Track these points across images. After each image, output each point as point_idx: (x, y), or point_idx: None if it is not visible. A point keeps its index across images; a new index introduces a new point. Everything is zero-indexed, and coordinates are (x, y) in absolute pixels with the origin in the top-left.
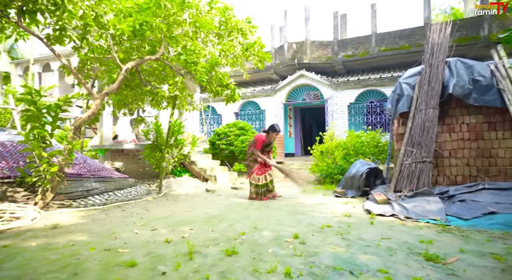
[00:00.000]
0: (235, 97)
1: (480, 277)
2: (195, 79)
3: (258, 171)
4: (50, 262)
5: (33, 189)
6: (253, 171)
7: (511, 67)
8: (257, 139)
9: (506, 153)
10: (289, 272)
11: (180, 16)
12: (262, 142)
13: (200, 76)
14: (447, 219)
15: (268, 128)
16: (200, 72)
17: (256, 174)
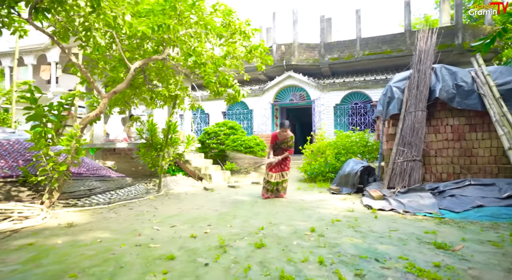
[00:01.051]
0: (238, 97)
1: (487, 260)
2: (204, 79)
3: (272, 168)
4: (87, 257)
5: (37, 189)
6: (267, 167)
7: (489, 74)
8: (271, 135)
9: (485, 153)
10: (322, 261)
11: (192, 18)
12: (274, 139)
13: (208, 77)
14: (441, 212)
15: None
16: (208, 73)
17: (270, 171)
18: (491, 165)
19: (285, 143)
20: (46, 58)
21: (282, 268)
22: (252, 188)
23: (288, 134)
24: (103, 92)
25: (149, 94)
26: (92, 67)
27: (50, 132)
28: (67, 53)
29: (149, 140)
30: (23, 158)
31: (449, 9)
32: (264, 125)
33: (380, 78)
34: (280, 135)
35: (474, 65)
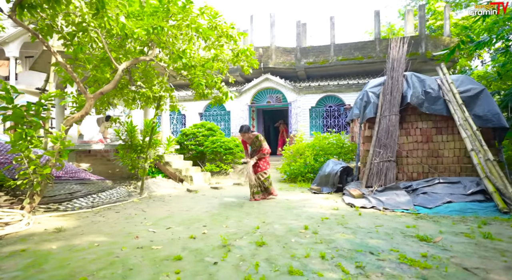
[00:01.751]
0: (224, 99)
1: (464, 250)
2: (193, 82)
3: (251, 170)
4: (91, 261)
5: (14, 193)
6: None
7: (452, 82)
8: (241, 140)
9: (449, 153)
10: (324, 256)
11: (184, 21)
12: (244, 143)
13: (198, 79)
14: (415, 208)
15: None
16: (198, 75)
17: (253, 173)
18: (455, 165)
19: (254, 144)
20: (4, 53)
21: (290, 263)
22: (235, 189)
23: (251, 136)
24: (88, 93)
25: (131, 95)
26: (75, 66)
27: (31, 134)
28: (52, 52)
29: (128, 142)
30: None
31: (413, 20)
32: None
33: (353, 83)
34: (245, 138)
35: (439, 74)
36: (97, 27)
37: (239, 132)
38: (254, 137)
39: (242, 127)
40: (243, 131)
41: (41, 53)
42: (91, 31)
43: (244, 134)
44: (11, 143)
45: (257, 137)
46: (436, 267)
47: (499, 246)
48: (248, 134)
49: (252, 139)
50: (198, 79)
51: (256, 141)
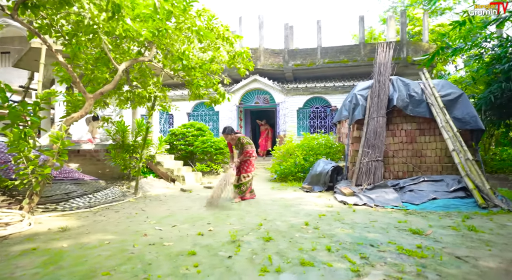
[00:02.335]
0: (221, 100)
1: (453, 241)
2: (193, 83)
3: (236, 171)
4: (107, 257)
5: (11, 193)
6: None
7: (434, 87)
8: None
9: (432, 153)
10: (329, 248)
11: (186, 23)
12: (229, 144)
13: (197, 81)
14: (403, 205)
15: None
16: (197, 76)
17: (236, 175)
18: (437, 164)
19: (237, 146)
20: None
21: (299, 256)
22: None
23: (234, 137)
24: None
25: (126, 95)
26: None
27: (30, 134)
28: (53, 51)
29: (120, 142)
30: None
31: (395, 25)
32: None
33: (339, 85)
34: (228, 140)
35: (422, 78)
36: (111, 30)
37: (222, 133)
38: (237, 139)
39: (225, 129)
40: (225, 133)
41: (27, 50)
42: (101, 33)
43: (227, 136)
44: (9, 143)
45: (239, 139)
46: (431, 256)
47: (483, 237)
48: (231, 136)
49: (235, 141)
50: (197, 81)
51: (238, 143)
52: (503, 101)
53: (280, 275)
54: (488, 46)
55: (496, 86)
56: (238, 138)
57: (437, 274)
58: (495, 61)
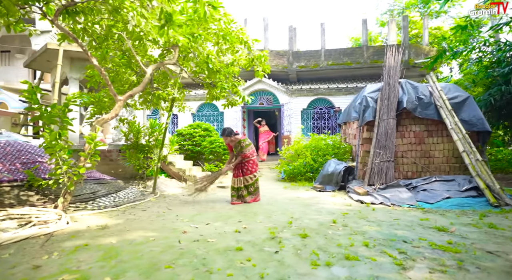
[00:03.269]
0: (239, 102)
1: (478, 237)
2: (217, 86)
3: (235, 173)
4: (160, 252)
5: (43, 192)
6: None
7: (442, 90)
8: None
9: (439, 154)
10: (367, 244)
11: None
12: (229, 146)
13: (221, 84)
14: (418, 204)
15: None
16: (221, 79)
17: (233, 176)
18: (444, 164)
19: (236, 148)
20: None
21: (341, 251)
22: None
23: (233, 139)
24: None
25: (147, 96)
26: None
27: (65, 135)
28: (88, 55)
29: (134, 142)
30: (20, 161)
31: (396, 28)
32: (235, 127)
33: (342, 87)
34: (227, 141)
35: (429, 81)
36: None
37: (221, 135)
38: (237, 141)
39: (224, 130)
40: (225, 135)
41: (43, 51)
42: (145, 38)
43: (227, 138)
44: (46, 143)
45: (240, 142)
46: (465, 251)
47: (505, 234)
48: (230, 138)
49: (234, 143)
50: (221, 83)
51: (238, 145)
52: (502, 103)
53: (331, 268)
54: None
55: (496, 89)
56: (239, 141)
57: (476, 267)
58: (494, 64)
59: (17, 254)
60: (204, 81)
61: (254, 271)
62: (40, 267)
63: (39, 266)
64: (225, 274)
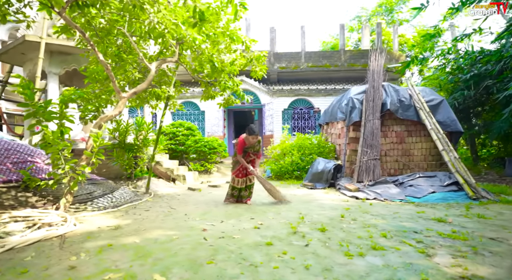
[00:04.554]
0: (236, 101)
1: (474, 226)
2: (220, 85)
3: (239, 173)
4: (192, 249)
5: (41, 194)
6: (234, 173)
7: (420, 93)
8: (239, 141)
9: (418, 152)
10: (385, 235)
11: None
12: (242, 145)
13: (224, 83)
14: (407, 198)
15: (245, 131)
16: (223, 79)
17: (236, 176)
18: (423, 162)
19: (252, 147)
20: None
21: (366, 243)
22: None
23: (257, 139)
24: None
25: (143, 94)
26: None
27: (67, 132)
28: (95, 50)
29: (121, 141)
30: (10, 160)
31: (368, 34)
32: (216, 127)
33: (321, 88)
34: (248, 141)
35: (408, 85)
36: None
37: (251, 134)
38: (257, 141)
39: (254, 129)
40: (255, 134)
41: (19, 43)
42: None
43: (255, 137)
44: (47, 142)
45: (259, 141)
46: (471, 239)
47: (495, 223)
48: (257, 137)
49: (254, 143)
50: (225, 83)
51: (257, 145)
52: (465, 106)
53: (365, 258)
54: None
55: (459, 93)
56: (259, 140)
57: (489, 252)
58: (457, 71)
59: (40, 256)
60: (203, 79)
61: (296, 263)
62: (76, 268)
63: (74, 267)
64: (270, 266)
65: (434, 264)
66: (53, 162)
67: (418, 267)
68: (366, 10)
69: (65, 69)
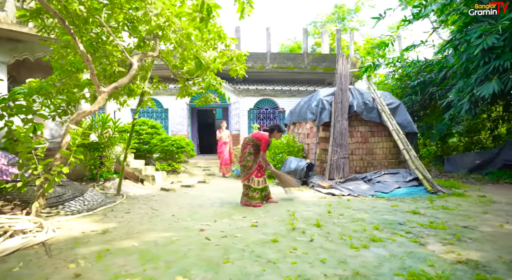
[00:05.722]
0: (215, 99)
1: (445, 217)
2: (205, 83)
3: (257, 173)
4: (201, 250)
5: (5, 198)
6: (252, 173)
7: (381, 97)
8: (261, 138)
9: (380, 151)
10: (377, 228)
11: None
12: (267, 143)
13: (209, 80)
14: (377, 194)
15: (272, 127)
16: (208, 76)
17: (255, 177)
18: (384, 160)
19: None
20: None
21: (364, 236)
22: (207, 187)
23: (275, 137)
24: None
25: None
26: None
27: (41, 128)
28: (75, 39)
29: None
30: None
31: (328, 39)
32: (181, 125)
33: (286, 89)
34: (275, 138)
35: (370, 89)
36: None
37: (280, 131)
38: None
39: (280, 126)
40: (282, 131)
41: None
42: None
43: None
44: (21, 139)
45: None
46: (449, 227)
47: (459, 213)
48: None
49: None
50: (209, 80)
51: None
52: (413, 110)
53: (370, 249)
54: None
55: (408, 98)
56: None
57: (469, 238)
58: (406, 77)
59: (29, 266)
60: (182, 76)
61: (310, 258)
62: (81, 275)
63: (79, 275)
64: (288, 262)
65: (431, 251)
66: (20, 162)
67: (419, 255)
68: (322, 16)
69: (15, 58)
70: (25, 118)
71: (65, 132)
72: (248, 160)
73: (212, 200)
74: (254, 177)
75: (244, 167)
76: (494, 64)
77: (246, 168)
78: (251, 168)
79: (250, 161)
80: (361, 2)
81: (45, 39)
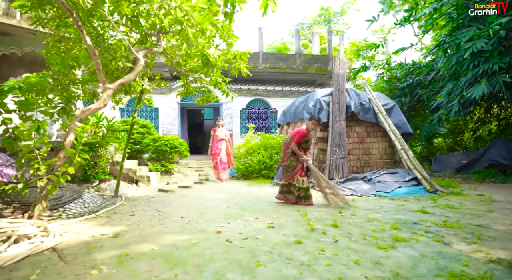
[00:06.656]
0: (218, 98)
1: (454, 216)
2: (211, 81)
3: (302, 172)
4: (226, 252)
5: (4, 200)
6: (296, 173)
7: (377, 98)
8: (298, 132)
9: (376, 151)
10: (396, 227)
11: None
12: (303, 136)
13: (216, 78)
14: (378, 193)
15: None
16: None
17: (300, 176)
18: (380, 160)
19: (309, 141)
20: None
21: (386, 236)
22: (206, 187)
23: (312, 130)
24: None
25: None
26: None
27: (44, 126)
28: (82, 33)
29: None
30: None
31: (318, 41)
32: (172, 125)
33: (278, 89)
34: (312, 129)
35: (366, 90)
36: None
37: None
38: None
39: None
40: (320, 123)
41: None
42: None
43: (318, 125)
44: (24, 137)
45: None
46: (464, 226)
47: (465, 212)
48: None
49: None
50: (215, 78)
51: (310, 138)
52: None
53: (397, 249)
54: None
55: (397, 99)
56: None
57: (488, 237)
58: (395, 79)
59: (46, 274)
60: (185, 73)
61: (343, 259)
62: None
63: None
64: (322, 264)
65: (458, 251)
66: (20, 162)
67: (450, 255)
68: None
69: (2, 52)
70: (23, 116)
71: (69, 130)
72: (292, 160)
73: (216, 201)
74: (298, 176)
75: (287, 167)
76: (484, 67)
77: (290, 168)
78: (295, 167)
79: (293, 160)
80: (347, 5)
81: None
